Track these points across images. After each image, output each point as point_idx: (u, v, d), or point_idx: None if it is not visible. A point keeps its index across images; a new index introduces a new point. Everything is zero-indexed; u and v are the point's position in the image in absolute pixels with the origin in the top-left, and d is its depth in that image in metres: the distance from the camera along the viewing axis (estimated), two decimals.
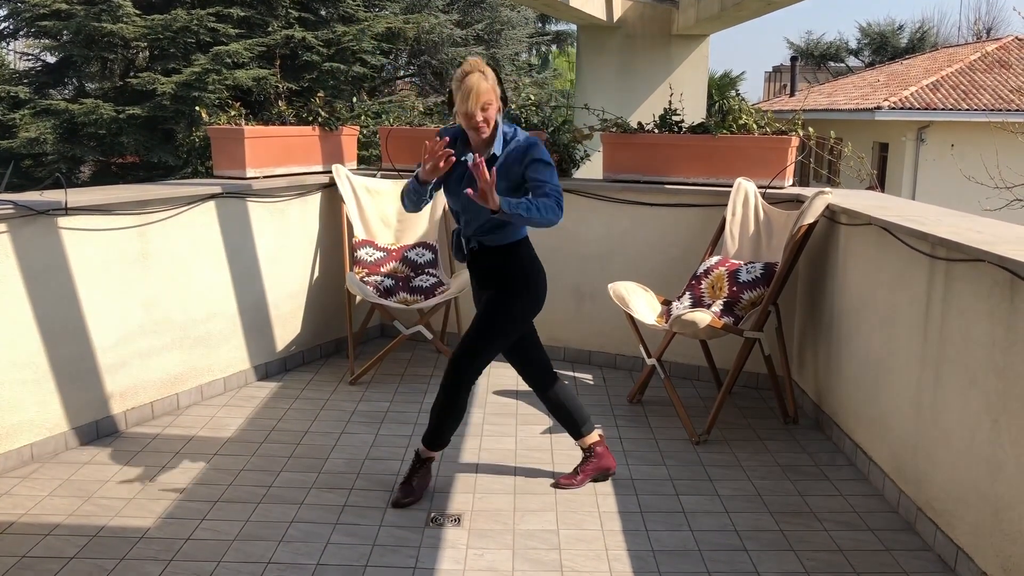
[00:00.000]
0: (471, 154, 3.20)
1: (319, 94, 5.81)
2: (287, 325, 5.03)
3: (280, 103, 5.40)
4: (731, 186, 4.63)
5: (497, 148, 3.24)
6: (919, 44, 32.28)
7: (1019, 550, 2.60)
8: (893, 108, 17.71)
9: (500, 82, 3.22)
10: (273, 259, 4.87)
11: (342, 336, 5.42)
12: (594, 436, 3.62)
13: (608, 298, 4.65)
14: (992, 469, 2.75)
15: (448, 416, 3.34)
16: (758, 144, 4.76)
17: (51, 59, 13.40)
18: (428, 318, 4.91)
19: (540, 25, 21.29)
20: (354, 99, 6.37)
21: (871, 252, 3.75)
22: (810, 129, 4.84)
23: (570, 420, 3.56)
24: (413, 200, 3.28)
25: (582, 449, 3.63)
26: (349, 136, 5.60)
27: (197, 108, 6.02)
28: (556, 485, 3.57)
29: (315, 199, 5.16)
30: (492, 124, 3.18)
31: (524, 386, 4.84)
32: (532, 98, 5.54)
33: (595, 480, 3.62)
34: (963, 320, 2.95)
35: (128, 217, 4.03)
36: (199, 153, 6.29)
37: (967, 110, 17.61)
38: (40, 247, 3.67)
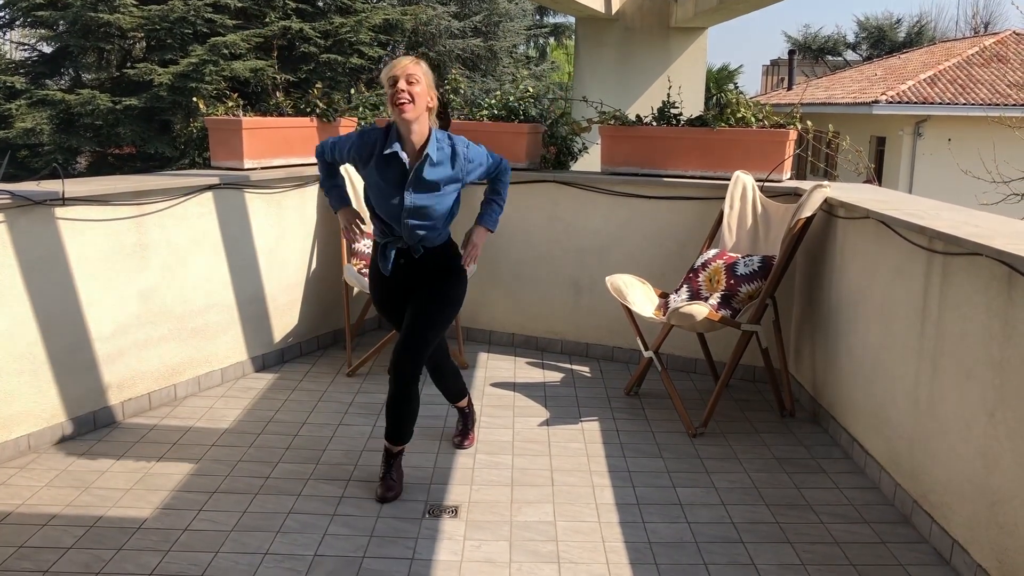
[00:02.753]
0: (397, 145, 3.14)
1: (317, 85, 5.80)
2: (284, 317, 5.03)
3: (278, 94, 5.37)
4: (729, 179, 4.63)
5: (432, 149, 3.16)
6: (917, 38, 32.30)
7: (1015, 543, 2.61)
8: (890, 102, 17.72)
9: (438, 88, 3.26)
10: (271, 251, 4.87)
11: (339, 328, 5.42)
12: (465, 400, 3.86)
13: (606, 291, 4.65)
14: (988, 462, 2.76)
15: (409, 412, 3.34)
16: (756, 137, 4.76)
17: (47, 49, 13.35)
18: None
19: (538, 17, 21.23)
20: (352, 90, 6.36)
21: (869, 245, 3.75)
22: (808, 123, 4.84)
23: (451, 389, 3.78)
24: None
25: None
26: (347, 127, 5.59)
27: (195, 99, 6.01)
28: (459, 446, 3.86)
29: (313, 190, 5.15)
30: (419, 108, 3.09)
31: (521, 378, 4.85)
32: (530, 91, 5.53)
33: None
34: (960, 314, 2.95)
35: (126, 208, 4.03)
36: (196, 144, 6.30)
37: (964, 104, 17.62)
38: (37, 237, 3.66)
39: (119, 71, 12.54)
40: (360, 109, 6.19)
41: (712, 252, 4.49)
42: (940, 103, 17.64)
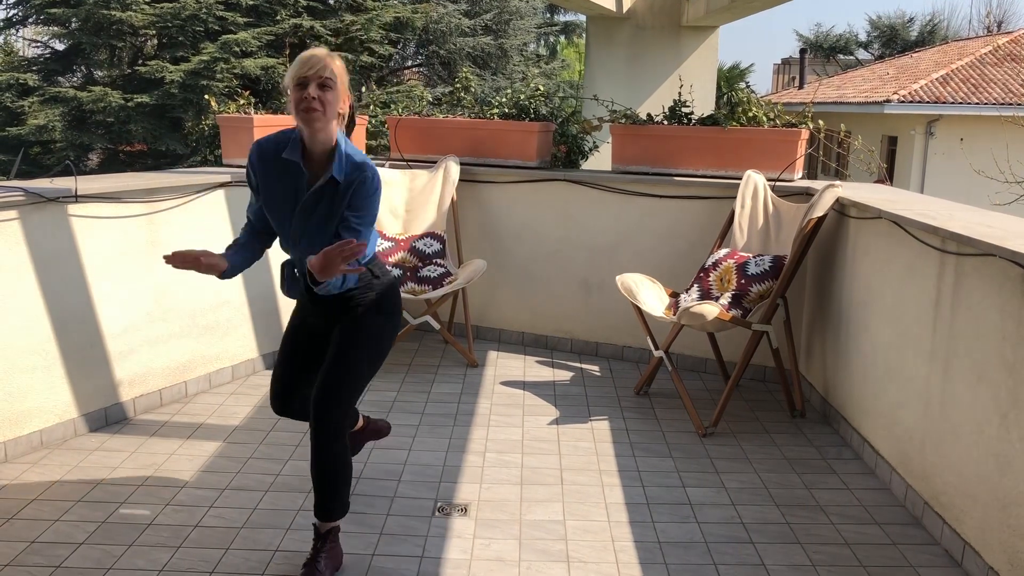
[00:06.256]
0: (298, 154, 2.62)
1: None
2: None
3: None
4: (740, 178, 4.62)
5: (337, 171, 2.58)
6: (929, 37, 32.14)
7: None
8: (902, 101, 17.63)
9: (351, 91, 2.69)
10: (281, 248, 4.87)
11: None
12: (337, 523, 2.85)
13: (616, 290, 4.65)
14: (1000, 464, 2.74)
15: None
16: (768, 137, 4.74)
17: (60, 46, 13.42)
18: (435, 308, 4.92)
19: (548, 15, 21.21)
20: (362, 89, 6.36)
21: (881, 246, 3.74)
22: (820, 122, 4.83)
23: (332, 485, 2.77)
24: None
25: (318, 532, 2.81)
26: (358, 126, 5.57)
27: (207, 97, 6.02)
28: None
29: None
30: (329, 116, 2.57)
31: (531, 377, 4.85)
32: (540, 89, 5.52)
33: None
34: (973, 315, 2.94)
35: (138, 205, 4.04)
36: (208, 141, 6.31)
37: (977, 104, 17.52)
38: (50, 234, 3.68)
39: (131, 68, 12.60)
40: (371, 107, 6.20)
41: (723, 251, 4.48)
42: (952, 103, 17.55)
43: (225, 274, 2.72)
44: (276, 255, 4.84)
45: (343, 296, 2.76)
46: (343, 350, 2.73)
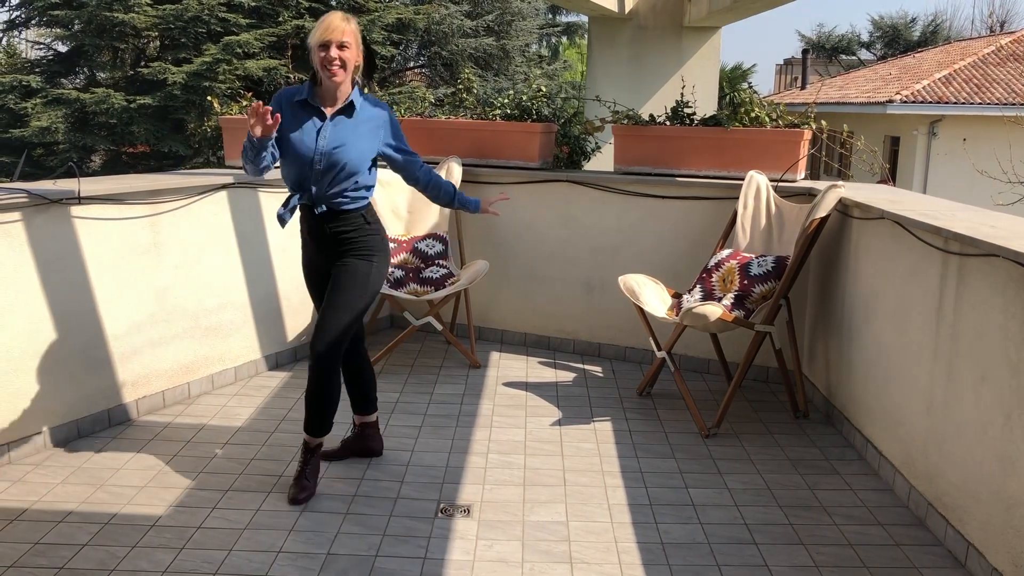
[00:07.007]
0: (316, 99, 3.22)
1: None
2: (297, 315, 5.04)
3: None
4: (743, 179, 4.61)
5: (356, 97, 3.23)
6: (932, 37, 32.12)
7: None
8: (905, 102, 17.62)
9: (367, 46, 3.26)
10: (284, 249, 4.88)
11: None
12: (373, 418, 3.72)
13: (618, 290, 4.65)
14: (1004, 465, 2.74)
15: (330, 401, 3.33)
16: (770, 137, 4.74)
17: (62, 48, 13.43)
18: (438, 309, 4.92)
19: (551, 16, 21.21)
20: (364, 89, 6.35)
21: (884, 246, 3.73)
22: (822, 122, 4.82)
23: (362, 397, 3.65)
24: (252, 160, 3.15)
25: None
26: None
27: (209, 98, 6.03)
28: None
29: None
30: (349, 71, 3.15)
31: (533, 378, 4.84)
32: (543, 90, 5.52)
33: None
34: (976, 315, 2.93)
35: (140, 207, 4.05)
36: (210, 143, 6.32)
37: (980, 104, 17.51)
38: (53, 236, 3.68)
39: (133, 70, 12.62)
40: None
41: (726, 252, 4.48)
42: (955, 103, 17.54)
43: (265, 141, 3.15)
44: (276, 264, 4.84)
45: (338, 237, 3.28)
46: (335, 294, 3.26)
